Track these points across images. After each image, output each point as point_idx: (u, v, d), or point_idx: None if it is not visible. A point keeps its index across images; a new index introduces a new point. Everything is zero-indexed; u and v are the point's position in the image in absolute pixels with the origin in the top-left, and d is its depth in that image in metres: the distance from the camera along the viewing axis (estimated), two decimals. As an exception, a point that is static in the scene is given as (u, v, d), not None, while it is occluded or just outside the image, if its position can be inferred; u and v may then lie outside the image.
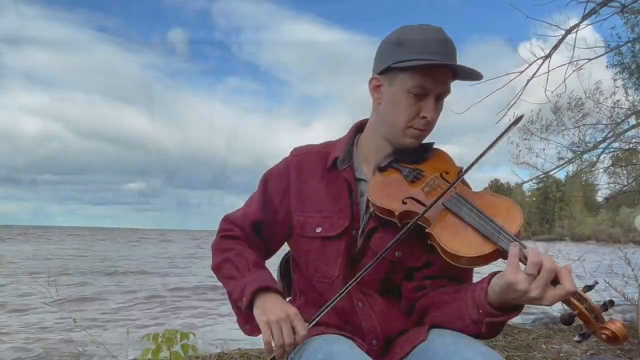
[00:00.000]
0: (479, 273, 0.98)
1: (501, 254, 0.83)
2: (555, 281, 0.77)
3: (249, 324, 0.99)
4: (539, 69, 4.23)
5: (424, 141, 1.06)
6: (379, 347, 1.00)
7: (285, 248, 1.24)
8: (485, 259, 0.85)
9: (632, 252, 4.23)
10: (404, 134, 1.01)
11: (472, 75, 0.96)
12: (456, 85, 1.02)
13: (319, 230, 1.05)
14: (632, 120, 5.57)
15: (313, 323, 0.90)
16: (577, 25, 4.01)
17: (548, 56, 4.21)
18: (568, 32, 4.07)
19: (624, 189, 6.89)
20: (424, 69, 0.93)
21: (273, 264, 1.34)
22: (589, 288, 0.78)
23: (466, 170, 0.97)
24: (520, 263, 0.79)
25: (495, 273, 0.85)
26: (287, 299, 1.28)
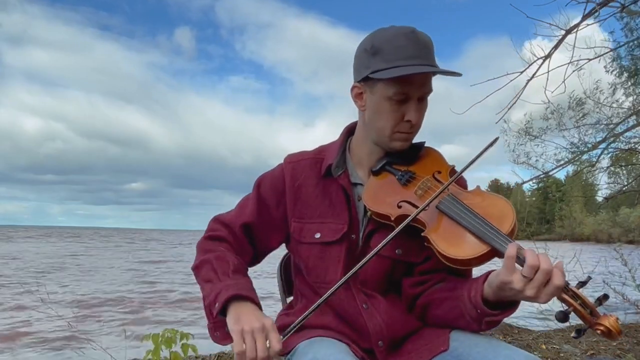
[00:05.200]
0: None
1: (496, 253, 0.85)
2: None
3: (219, 331, 0.92)
4: (539, 69, 4.24)
5: (415, 140, 1.07)
6: (386, 347, 1.00)
7: (282, 250, 1.23)
8: (479, 260, 0.86)
9: (628, 253, 4.23)
10: (392, 138, 1.02)
11: (451, 73, 0.96)
12: (457, 86, 1.03)
13: (317, 236, 1.04)
14: (632, 121, 5.58)
15: (289, 334, 0.86)
16: (577, 25, 4.01)
17: (548, 56, 4.22)
18: (568, 32, 4.07)
19: (624, 189, 6.91)
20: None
21: (272, 265, 1.33)
22: (582, 284, 0.78)
23: (458, 174, 0.98)
24: (517, 264, 0.80)
25: (491, 272, 0.86)
26: (288, 299, 1.27)
